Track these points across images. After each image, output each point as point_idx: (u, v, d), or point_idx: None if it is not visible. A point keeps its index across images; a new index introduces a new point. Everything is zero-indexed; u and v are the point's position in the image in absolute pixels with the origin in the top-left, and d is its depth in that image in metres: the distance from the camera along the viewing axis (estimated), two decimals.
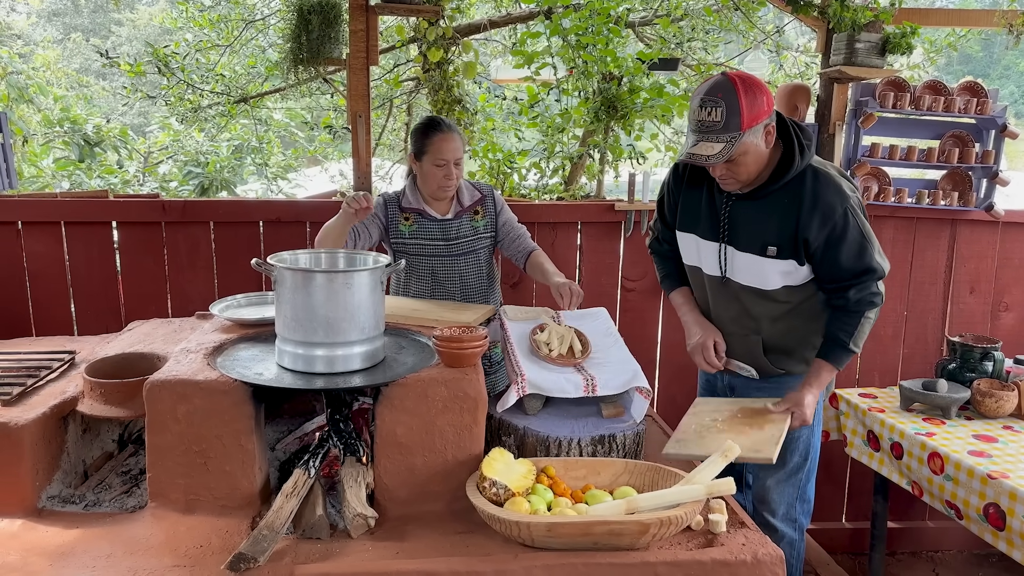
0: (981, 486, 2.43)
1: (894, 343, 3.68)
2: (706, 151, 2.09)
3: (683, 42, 5.79)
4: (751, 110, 2.07)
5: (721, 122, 2.06)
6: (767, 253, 2.26)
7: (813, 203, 2.19)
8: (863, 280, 2.24)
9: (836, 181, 2.21)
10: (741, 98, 2.05)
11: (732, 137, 2.07)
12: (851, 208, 2.19)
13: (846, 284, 2.25)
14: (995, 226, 3.61)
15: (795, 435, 2.44)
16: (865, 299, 2.26)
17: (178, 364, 1.99)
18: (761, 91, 2.09)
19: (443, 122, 2.75)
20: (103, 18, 21.65)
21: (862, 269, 2.23)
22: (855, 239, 2.20)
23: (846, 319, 2.28)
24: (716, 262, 2.38)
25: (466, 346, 1.98)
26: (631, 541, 1.72)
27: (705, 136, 2.09)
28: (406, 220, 2.78)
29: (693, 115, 2.12)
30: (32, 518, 1.89)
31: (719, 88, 2.07)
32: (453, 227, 2.81)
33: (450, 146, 2.70)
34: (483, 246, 2.88)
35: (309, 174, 9.19)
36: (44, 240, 3.20)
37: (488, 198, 2.89)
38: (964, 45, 7.21)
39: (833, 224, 2.18)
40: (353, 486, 1.89)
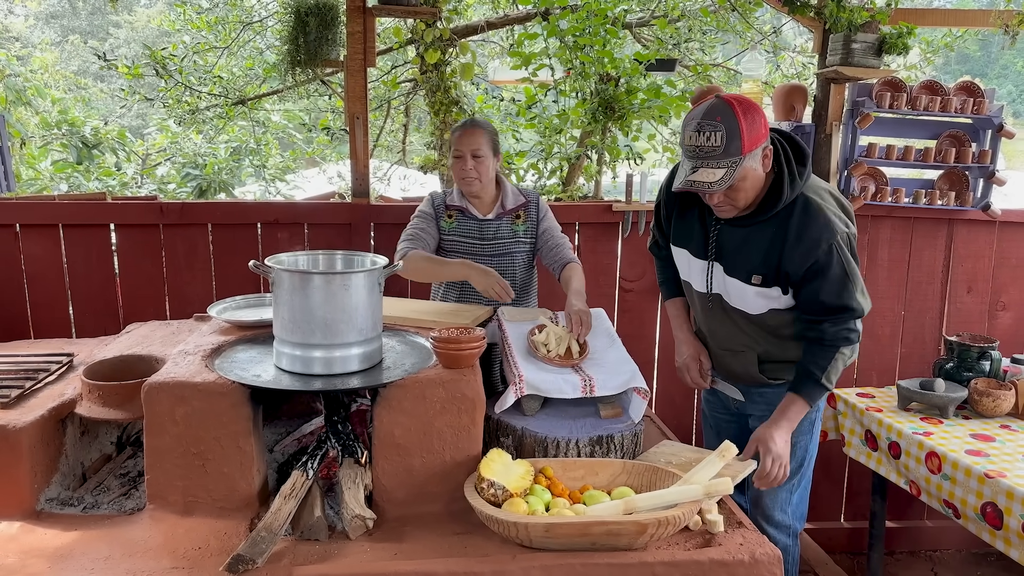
0: (978, 485, 2.43)
1: (892, 343, 3.69)
2: (707, 178, 2.00)
3: (680, 43, 5.80)
4: (751, 133, 1.99)
5: (721, 147, 1.97)
6: (751, 281, 2.21)
7: (798, 236, 2.11)
8: (841, 315, 2.17)
9: (826, 214, 2.12)
10: (741, 121, 1.97)
11: (733, 162, 1.99)
12: (837, 244, 2.10)
13: (822, 318, 2.19)
14: (992, 226, 3.61)
15: (792, 442, 2.35)
16: (841, 334, 2.18)
17: (176, 366, 2.00)
18: (758, 113, 2.02)
19: (471, 120, 2.82)
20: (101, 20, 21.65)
21: (840, 306, 2.16)
22: (837, 276, 2.12)
23: (820, 353, 2.20)
24: (704, 280, 2.34)
25: (464, 347, 1.98)
26: (629, 541, 1.72)
27: (704, 162, 2.00)
28: (449, 217, 2.81)
29: (689, 140, 2.02)
30: (30, 520, 1.89)
31: (717, 111, 1.98)
32: (492, 227, 2.81)
33: (466, 139, 2.73)
34: (521, 250, 2.85)
35: (307, 176, 9.19)
36: (42, 243, 3.20)
37: (532, 204, 2.89)
38: (961, 45, 7.22)
39: (816, 259, 2.11)
40: (351, 487, 1.90)
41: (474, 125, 2.78)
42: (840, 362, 2.21)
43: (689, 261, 2.37)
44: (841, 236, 2.12)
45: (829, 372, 2.20)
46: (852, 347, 2.21)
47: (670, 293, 2.61)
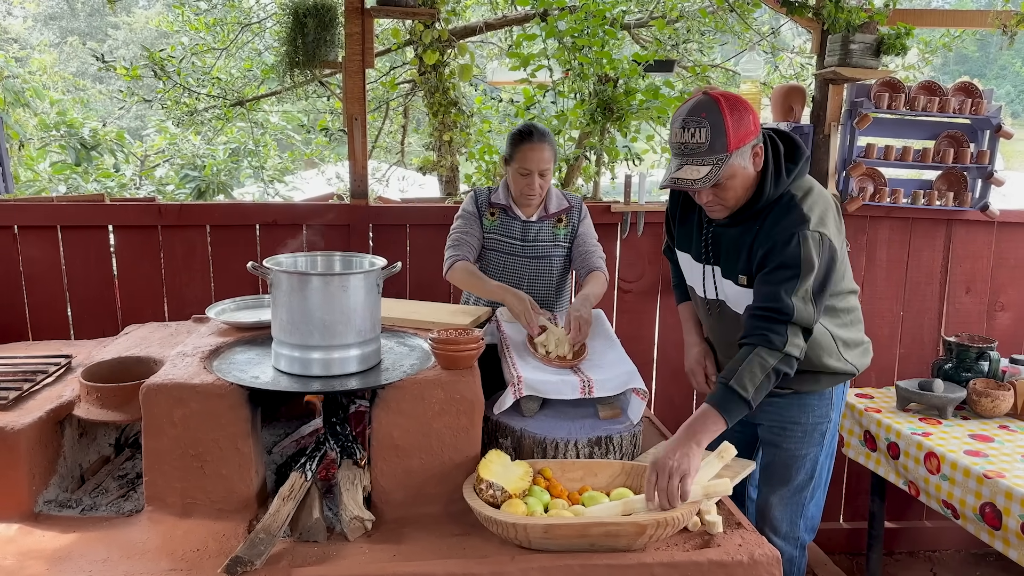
0: (977, 486, 2.43)
1: (890, 343, 3.69)
2: (691, 175, 1.95)
3: (679, 44, 5.80)
4: (737, 130, 1.93)
5: (706, 143, 1.92)
6: (739, 282, 2.14)
7: (771, 227, 2.03)
8: (767, 310, 1.98)
9: (802, 211, 2.01)
10: (727, 117, 1.92)
11: (719, 159, 1.93)
12: (802, 236, 1.97)
13: (753, 306, 2.04)
14: (990, 226, 3.62)
15: (798, 453, 2.34)
16: (760, 332, 1.97)
17: (174, 368, 2.00)
18: (747, 110, 1.96)
19: (536, 131, 2.69)
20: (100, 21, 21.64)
21: (769, 297, 1.98)
22: (784, 264, 1.98)
23: (739, 353, 2.00)
24: (701, 283, 2.29)
25: (462, 348, 1.98)
26: (628, 542, 1.72)
27: (689, 159, 1.95)
28: (492, 215, 2.79)
29: (675, 137, 1.98)
30: (28, 523, 1.89)
31: (702, 107, 1.93)
32: (533, 230, 2.79)
33: (536, 156, 2.65)
34: (559, 254, 2.83)
35: (306, 177, 9.18)
36: (40, 244, 3.20)
37: (575, 209, 2.86)
38: (960, 45, 7.23)
39: (773, 243, 2.00)
40: (350, 489, 1.90)
41: (541, 139, 2.66)
42: (758, 367, 1.94)
43: (691, 265, 2.33)
44: (811, 232, 1.98)
45: (742, 374, 1.94)
46: (774, 354, 1.95)
47: (683, 296, 2.54)
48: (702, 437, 1.91)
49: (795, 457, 2.35)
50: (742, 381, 1.94)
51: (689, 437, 1.89)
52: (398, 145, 6.71)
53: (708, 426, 1.92)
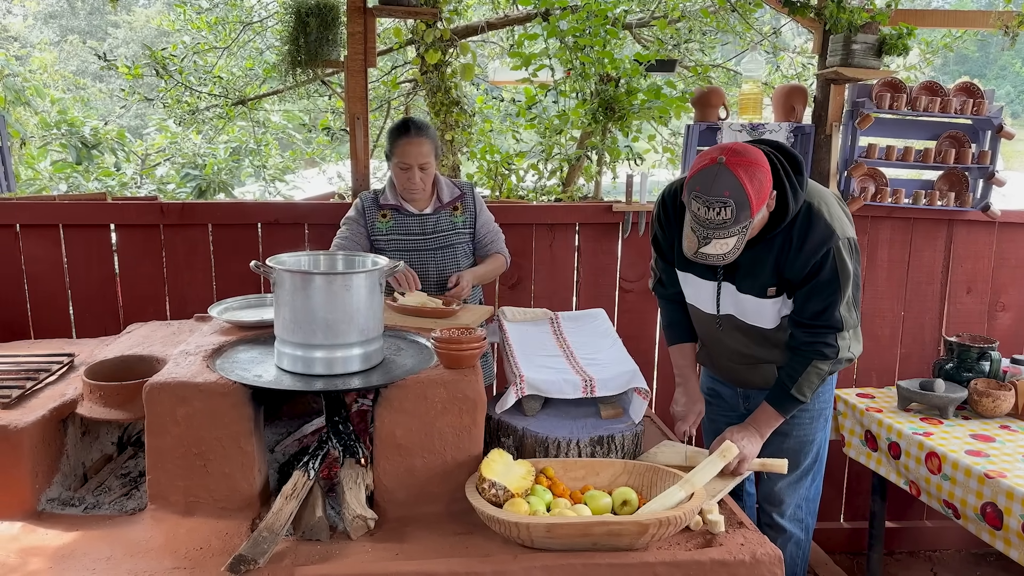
0: (978, 485, 2.44)
1: (891, 343, 3.69)
2: (720, 249, 1.97)
3: (680, 43, 5.80)
4: (759, 195, 1.94)
5: (732, 219, 1.92)
6: (767, 295, 2.19)
7: (800, 242, 2.10)
8: (818, 327, 2.14)
9: (826, 219, 2.09)
10: (748, 189, 1.91)
11: (744, 227, 1.95)
12: (835, 249, 2.07)
13: (801, 323, 2.17)
14: (991, 226, 3.62)
15: (808, 438, 2.44)
16: (815, 347, 2.16)
17: (177, 366, 2.00)
18: (761, 168, 1.96)
19: (413, 125, 2.71)
20: (100, 20, 21.63)
21: (818, 314, 2.13)
22: (826, 282, 2.10)
23: (794, 362, 2.19)
24: (713, 301, 2.32)
25: (464, 348, 1.98)
26: (630, 541, 1.73)
27: (716, 232, 1.95)
28: (383, 217, 2.80)
29: (696, 212, 1.96)
30: (32, 521, 1.89)
31: (724, 185, 1.91)
32: (431, 221, 2.81)
33: (414, 150, 2.68)
34: (461, 241, 2.87)
35: (307, 176, 9.19)
36: (42, 243, 3.20)
37: (467, 195, 2.89)
38: (960, 46, 7.23)
39: (813, 263, 2.09)
40: (353, 488, 1.90)
41: (419, 133, 2.69)
42: (815, 376, 2.18)
43: (697, 284, 2.34)
44: (841, 241, 2.09)
45: (801, 384, 2.18)
46: (829, 363, 2.17)
47: (676, 338, 2.53)
48: (765, 430, 2.24)
49: (804, 442, 2.45)
50: (802, 389, 2.20)
51: (756, 429, 2.22)
52: None
53: (770, 422, 2.25)
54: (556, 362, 2.34)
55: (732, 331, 2.35)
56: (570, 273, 3.53)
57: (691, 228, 2.01)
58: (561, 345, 2.48)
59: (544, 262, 3.48)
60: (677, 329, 2.53)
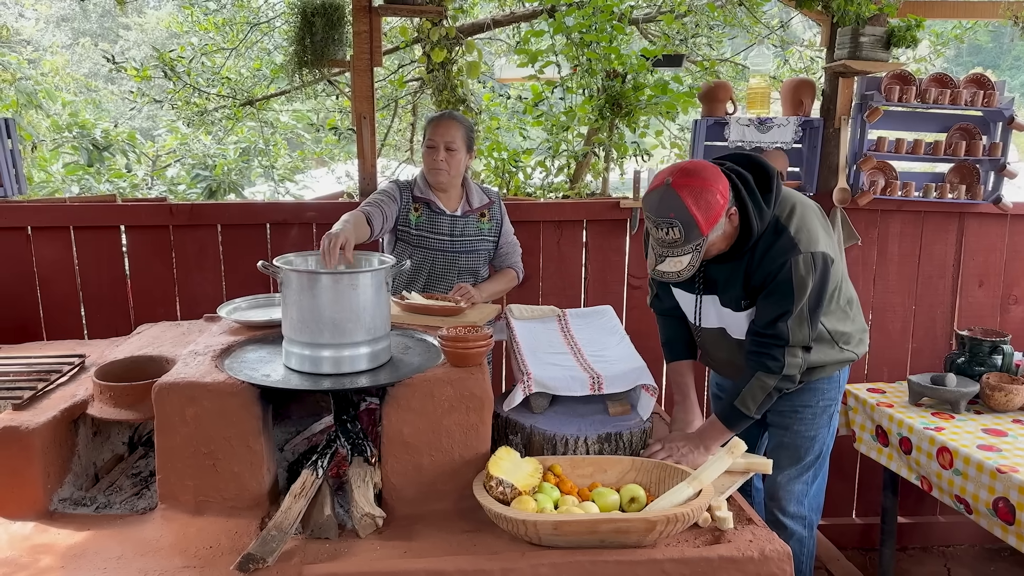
0: (990, 480, 2.42)
1: (902, 337, 3.67)
2: (674, 267, 2.01)
3: (687, 38, 5.77)
4: (707, 215, 1.95)
5: (681, 238, 1.96)
6: (741, 307, 2.20)
7: (762, 256, 2.11)
8: (765, 337, 2.13)
9: (790, 234, 2.08)
10: (692, 210, 1.94)
11: (697, 246, 1.98)
12: (792, 263, 2.06)
13: (753, 331, 2.17)
14: (1003, 219, 3.59)
15: (809, 434, 2.44)
16: (759, 358, 2.13)
17: (186, 367, 2.01)
18: (711, 188, 1.96)
19: (449, 112, 2.85)
20: (111, 23, 21.74)
21: (766, 324, 2.12)
22: (780, 293, 2.08)
23: (743, 374, 2.18)
24: (696, 313, 2.34)
25: (471, 345, 1.99)
26: (638, 538, 1.72)
27: (669, 251, 2.00)
28: (416, 210, 2.82)
29: (652, 232, 2.02)
30: (44, 521, 1.90)
31: (667, 206, 1.95)
32: (460, 224, 2.85)
33: (440, 129, 2.77)
34: (484, 248, 2.91)
35: (316, 175, 9.22)
36: (54, 245, 3.23)
37: (495, 204, 2.96)
38: (972, 36, 7.17)
39: (769, 272, 2.09)
40: (361, 486, 1.90)
41: (451, 117, 2.80)
42: (759, 389, 2.14)
43: (683, 297, 2.38)
44: (802, 256, 2.06)
45: (745, 397, 2.14)
46: (773, 377, 2.12)
47: (672, 356, 2.51)
48: (710, 443, 2.16)
49: (805, 438, 2.45)
50: (745, 402, 2.15)
51: (699, 441, 2.16)
52: (407, 143, 6.71)
53: (716, 435, 2.18)
54: (564, 359, 2.34)
55: (719, 342, 2.37)
56: (578, 270, 3.53)
57: (651, 246, 2.08)
58: (569, 342, 2.48)
59: (552, 259, 3.48)
60: (673, 346, 2.51)
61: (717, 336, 2.35)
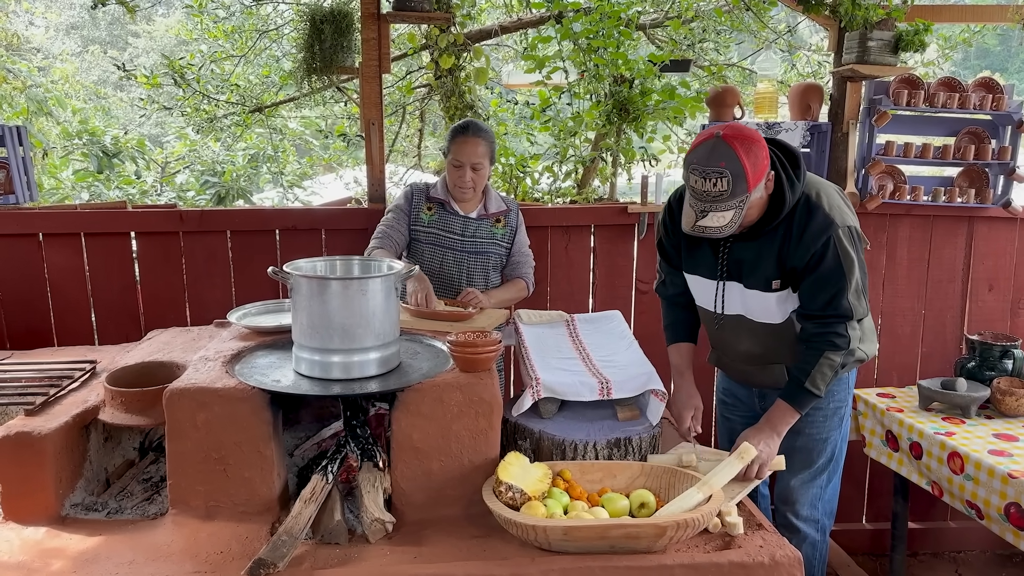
0: (1002, 485, 2.40)
1: (912, 342, 3.65)
2: (717, 222, 2.01)
3: (694, 43, 5.78)
4: (755, 169, 1.98)
5: (728, 190, 1.96)
6: (772, 288, 2.21)
7: (800, 233, 2.12)
8: (827, 317, 2.15)
9: (824, 209, 2.12)
10: (744, 161, 1.95)
11: (741, 201, 1.99)
12: (835, 238, 2.10)
13: (810, 314, 2.18)
14: (1013, 223, 3.57)
15: (821, 436, 2.44)
16: (825, 337, 2.16)
17: (197, 372, 2.02)
18: (759, 144, 2.00)
19: (472, 126, 2.83)
20: (120, 30, 21.90)
21: (826, 304, 2.14)
22: (829, 270, 2.11)
23: (806, 355, 2.20)
24: (714, 300, 2.34)
25: (480, 351, 1.99)
26: (648, 544, 1.72)
27: (712, 206, 2.00)
28: (429, 210, 2.85)
29: (694, 185, 2.01)
30: (56, 526, 1.91)
31: (719, 155, 1.96)
32: (472, 226, 2.87)
33: (467, 149, 2.77)
34: (496, 252, 2.92)
35: (324, 181, 9.24)
36: (64, 251, 3.25)
37: (512, 212, 2.97)
38: (980, 40, 7.15)
39: (814, 252, 2.11)
40: (371, 491, 1.91)
41: (476, 134, 2.78)
42: (827, 367, 2.17)
43: (702, 285, 2.37)
44: (841, 229, 2.11)
45: (815, 376, 2.17)
46: (840, 353, 2.17)
47: (674, 338, 2.55)
48: (782, 428, 2.22)
49: (817, 441, 2.45)
50: (815, 382, 2.18)
51: (771, 429, 2.20)
52: (415, 149, 6.73)
53: (786, 419, 2.23)
54: (572, 364, 2.34)
55: (739, 331, 2.36)
56: (586, 275, 3.53)
57: (689, 204, 2.06)
58: (577, 347, 2.48)
59: (560, 264, 3.49)
60: (675, 329, 2.56)
61: (737, 323, 2.34)
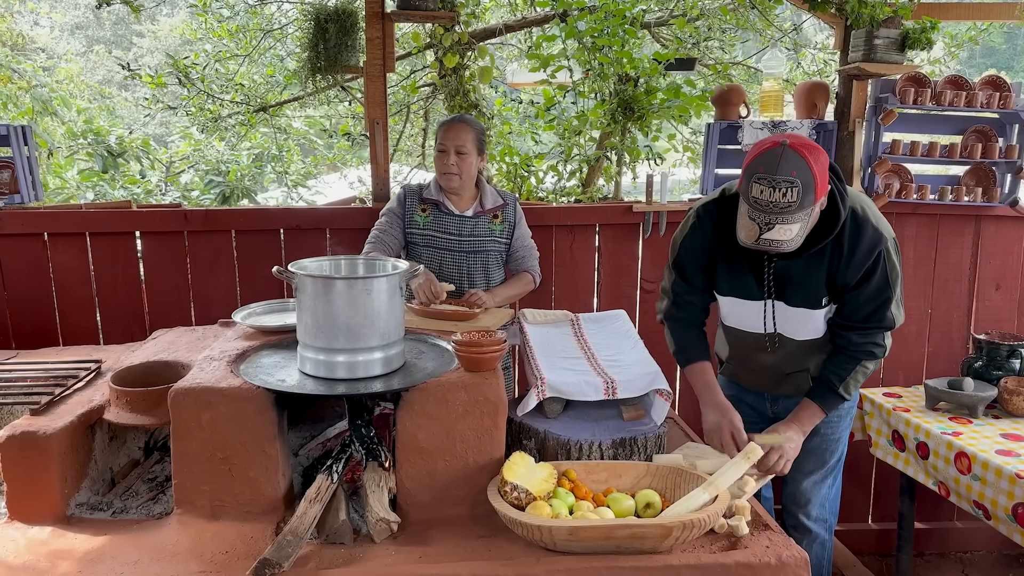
0: (1009, 486, 2.39)
1: (919, 342, 3.64)
2: (783, 235, 1.92)
3: (699, 42, 5.76)
4: (823, 179, 1.91)
5: (797, 201, 1.88)
6: (821, 305, 2.19)
7: (852, 249, 2.09)
8: (871, 327, 2.18)
9: (873, 224, 2.11)
10: (814, 170, 1.88)
11: (807, 213, 1.92)
12: (885, 251, 2.10)
13: (853, 326, 2.19)
14: (1020, 222, 3.55)
15: (835, 436, 2.45)
16: (866, 347, 2.19)
17: (202, 372, 2.02)
18: (823, 154, 1.94)
19: (459, 116, 2.87)
20: (125, 30, 21.93)
21: (871, 315, 2.16)
22: (878, 284, 2.12)
23: (842, 362, 2.22)
24: (761, 320, 2.29)
25: (485, 350, 1.98)
26: (654, 544, 1.72)
27: (780, 217, 1.89)
28: (423, 211, 2.84)
29: (759, 196, 1.90)
30: (61, 525, 1.91)
31: (790, 164, 1.87)
32: (469, 224, 2.86)
33: (451, 133, 2.78)
34: (496, 249, 2.90)
35: (328, 181, 9.24)
36: (70, 251, 3.26)
37: (510, 207, 2.95)
38: (987, 38, 7.11)
39: (866, 267, 2.10)
40: (376, 491, 1.90)
41: (461, 121, 2.82)
42: (861, 374, 2.22)
43: (743, 306, 2.30)
44: (889, 243, 2.12)
45: (848, 383, 2.21)
46: (875, 361, 2.22)
47: (687, 360, 2.39)
48: (808, 427, 2.23)
49: (831, 441, 2.46)
50: (848, 388, 2.21)
51: (799, 427, 2.21)
52: (419, 148, 6.72)
53: (814, 419, 2.25)
54: (577, 364, 2.33)
55: (778, 348, 2.34)
56: (591, 274, 3.53)
57: (749, 217, 1.95)
58: (582, 347, 2.47)
59: (564, 264, 3.48)
60: (688, 352, 2.40)
61: (779, 343, 2.32)
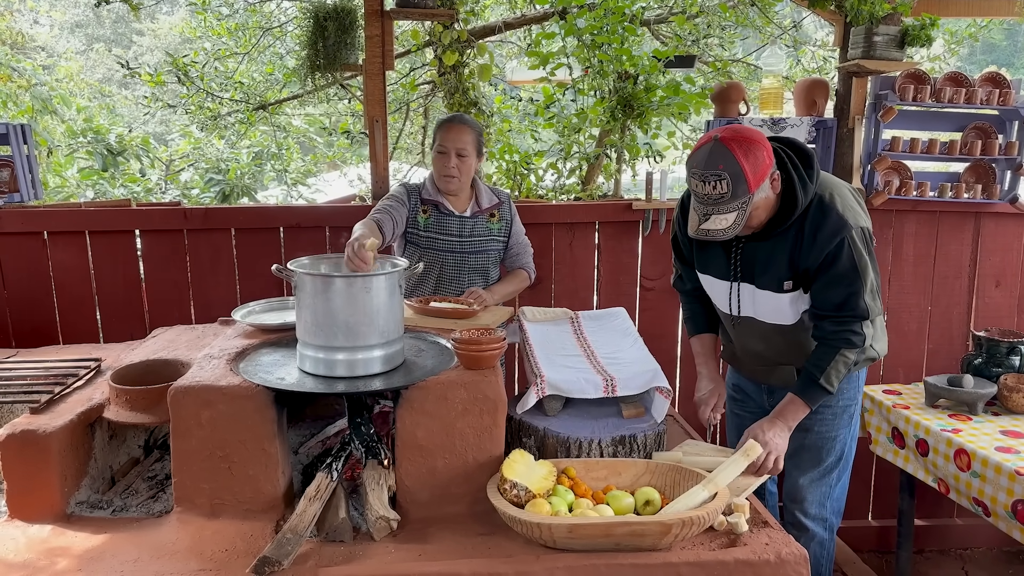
0: (1009, 483, 2.39)
1: (918, 338, 3.64)
2: (720, 224, 2.02)
3: (699, 39, 5.75)
4: (755, 170, 1.98)
5: (728, 192, 1.97)
6: (784, 288, 2.21)
7: (813, 234, 2.12)
8: (844, 316, 2.16)
9: (838, 210, 2.12)
10: (742, 163, 1.96)
11: (743, 203, 2.00)
12: (849, 239, 2.10)
13: (826, 314, 2.19)
14: (1020, 218, 3.55)
15: (830, 434, 2.44)
16: (841, 335, 2.17)
17: (201, 370, 2.02)
18: (759, 145, 2.00)
19: (459, 116, 2.84)
20: (125, 28, 21.91)
21: (842, 304, 2.15)
22: (844, 271, 2.12)
23: (821, 352, 2.21)
24: (727, 301, 2.35)
25: (485, 348, 1.99)
26: (653, 542, 1.72)
27: (715, 208, 2.01)
28: (424, 212, 2.83)
29: (696, 189, 2.03)
30: (61, 524, 1.92)
31: (717, 158, 1.97)
32: (468, 225, 2.85)
33: (452, 135, 2.77)
34: (494, 248, 2.91)
35: (328, 179, 9.24)
36: (69, 249, 3.26)
37: (505, 204, 2.96)
38: (987, 35, 7.11)
39: (827, 252, 2.11)
40: (375, 489, 1.91)
41: (462, 122, 2.80)
42: (842, 364, 2.19)
43: (715, 285, 2.38)
44: (855, 231, 2.11)
45: (829, 373, 2.19)
46: (855, 351, 2.19)
47: (695, 330, 2.58)
48: (792, 422, 2.22)
49: (826, 439, 2.45)
50: (829, 379, 2.19)
51: (783, 422, 2.20)
52: (419, 146, 6.72)
53: (797, 413, 2.23)
54: (577, 362, 2.33)
55: (751, 332, 2.37)
56: (590, 272, 3.53)
57: (693, 207, 2.08)
58: (582, 345, 2.47)
59: (564, 261, 3.48)
60: (696, 321, 2.58)
61: (749, 324, 2.36)
